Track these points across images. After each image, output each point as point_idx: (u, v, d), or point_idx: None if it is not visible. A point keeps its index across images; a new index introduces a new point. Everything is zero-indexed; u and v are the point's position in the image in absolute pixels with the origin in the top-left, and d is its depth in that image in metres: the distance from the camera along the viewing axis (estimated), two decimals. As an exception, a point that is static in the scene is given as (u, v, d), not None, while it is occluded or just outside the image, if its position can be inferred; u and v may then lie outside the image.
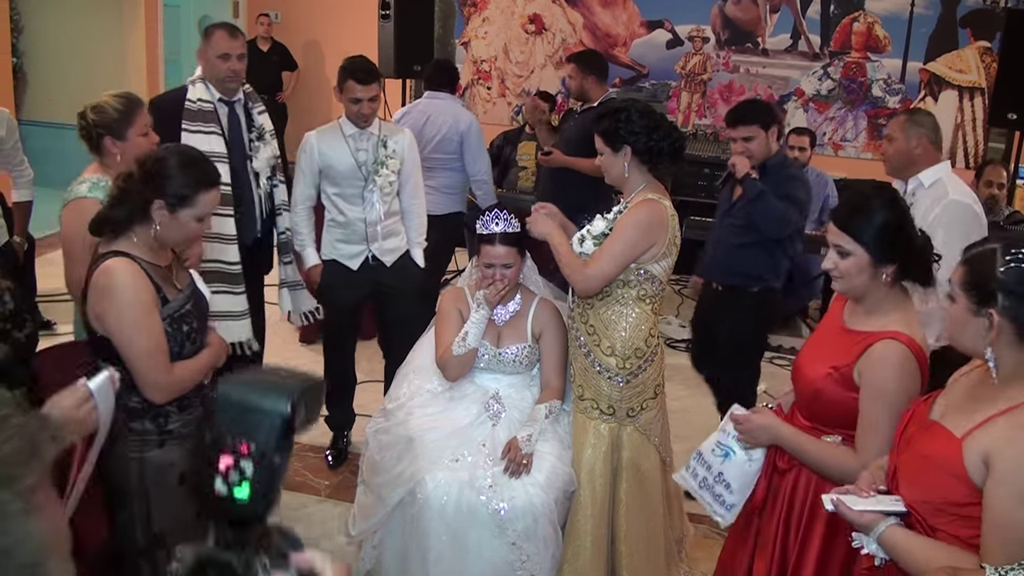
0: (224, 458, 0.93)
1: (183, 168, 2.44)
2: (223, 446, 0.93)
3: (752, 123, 3.81)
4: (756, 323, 3.98)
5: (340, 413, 4.31)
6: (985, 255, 1.77)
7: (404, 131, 4.09)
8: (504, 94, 9.12)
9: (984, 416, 1.75)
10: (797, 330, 6.31)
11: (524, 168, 6.71)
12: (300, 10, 9.60)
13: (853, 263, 2.20)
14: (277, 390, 0.95)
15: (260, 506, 0.94)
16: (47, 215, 7.42)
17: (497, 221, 3.11)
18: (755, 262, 3.86)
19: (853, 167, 7.93)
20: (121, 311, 2.34)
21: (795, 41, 8.31)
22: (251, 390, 0.95)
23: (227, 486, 0.93)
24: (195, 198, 2.43)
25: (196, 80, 3.74)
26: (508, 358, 3.18)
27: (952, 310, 1.82)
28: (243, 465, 0.93)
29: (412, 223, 4.13)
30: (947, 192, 3.34)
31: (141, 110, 3.10)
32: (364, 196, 3.90)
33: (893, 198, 2.22)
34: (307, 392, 0.97)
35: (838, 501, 1.89)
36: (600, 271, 2.93)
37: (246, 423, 0.93)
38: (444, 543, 2.86)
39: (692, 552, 3.54)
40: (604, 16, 8.75)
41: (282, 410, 0.93)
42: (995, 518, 1.67)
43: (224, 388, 0.96)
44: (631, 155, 2.94)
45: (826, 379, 2.24)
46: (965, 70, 7.98)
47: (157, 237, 2.43)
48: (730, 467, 2.48)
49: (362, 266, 4.00)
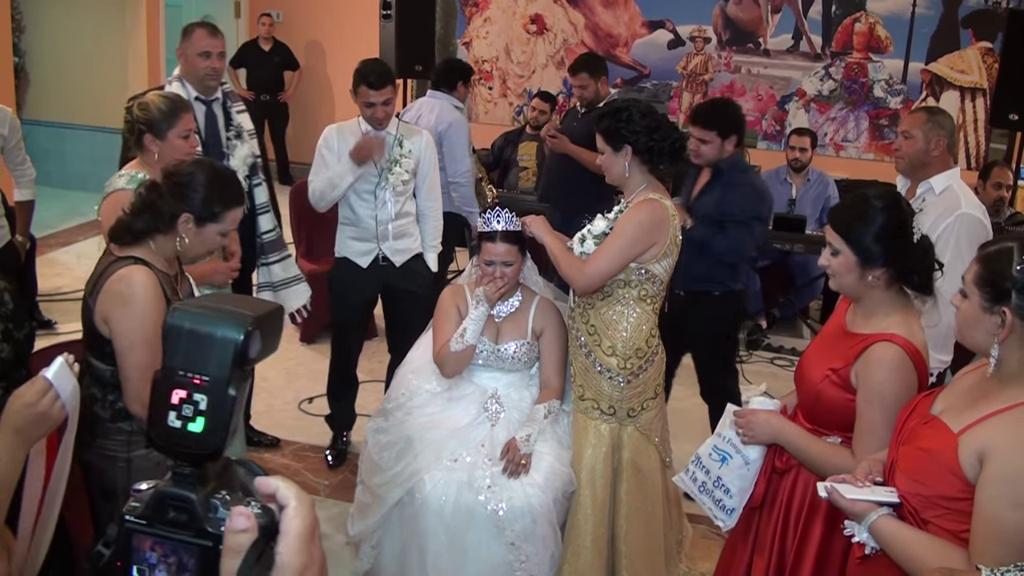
0: (176, 391, 0.89)
1: (213, 185, 2.48)
2: (175, 378, 0.89)
3: (710, 129, 3.80)
4: (723, 324, 3.99)
5: (342, 411, 4.31)
6: (1002, 252, 1.77)
7: (422, 132, 4.09)
8: (505, 94, 9.12)
9: (982, 413, 1.76)
10: (798, 331, 6.31)
11: (525, 168, 6.71)
12: (302, 10, 9.61)
13: (842, 262, 2.24)
14: (230, 317, 0.90)
15: (216, 439, 0.89)
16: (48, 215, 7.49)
17: (499, 219, 3.12)
18: (716, 268, 3.88)
19: (854, 168, 7.93)
20: (135, 323, 2.35)
21: (796, 41, 8.31)
22: (203, 319, 0.90)
23: (181, 420, 0.89)
24: (224, 215, 2.49)
25: (173, 79, 3.75)
26: (507, 354, 3.18)
27: (964, 307, 1.82)
28: (196, 398, 0.89)
29: (427, 226, 4.13)
30: (959, 203, 3.26)
31: (185, 114, 3.11)
32: (376, 194, 3.91)
33: (890, 204, 2.22)
34: (262, 320, 0.92)
35: (831, 488, 1.90)
36: (599, 268, 2.93)
37: (198, 353, 0.89)
38: (442, 543, 2.87)
39: (692, 552, 3.54)
40: (605, 16, 8.75)
41: (235, 338, 0.89)
42: (986, 518, 1.67)
43: (174, 317, 0.91)
44: (631, 155, 2.94)
45: (825, 381, 2.25)
46: (967, 71, 7.97)
47: (181, 249, 2.47)
48: (728, 471, 2.47)
49: (371, 265, 4.01)
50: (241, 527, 0.83)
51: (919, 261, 2.20)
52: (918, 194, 3.39)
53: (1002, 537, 1.65)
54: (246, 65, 9.35)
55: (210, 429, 0.89)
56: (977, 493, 1.69)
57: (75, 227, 7.70)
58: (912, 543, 1.78)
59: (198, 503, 0.88)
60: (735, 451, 2.46)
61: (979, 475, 1.70)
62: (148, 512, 0.88)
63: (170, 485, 0.89)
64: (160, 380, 0.91)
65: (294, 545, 0.85)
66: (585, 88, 5.16)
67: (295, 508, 0.86)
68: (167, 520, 0.88)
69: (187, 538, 0.87)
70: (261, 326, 0.91)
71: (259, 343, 0.91)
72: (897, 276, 2.21)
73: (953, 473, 1.75)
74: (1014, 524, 1.64)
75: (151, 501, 0.89)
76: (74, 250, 7.15)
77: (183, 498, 0.88)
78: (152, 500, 0.89)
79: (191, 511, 0.87)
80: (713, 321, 3.93)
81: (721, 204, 3.80)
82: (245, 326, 0.89)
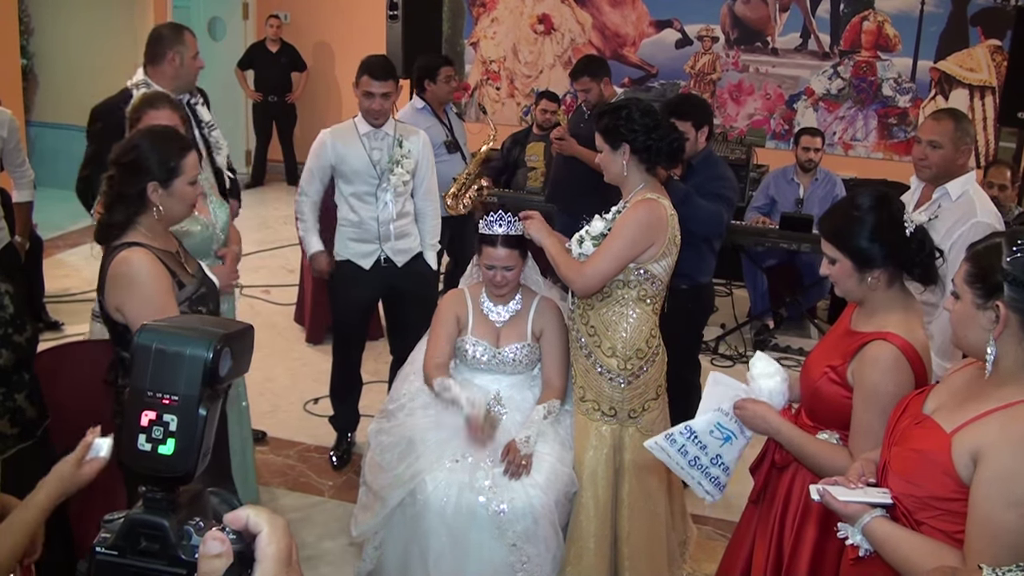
0: (146, 413, 0.87)
1: (157, 144, 2.49)
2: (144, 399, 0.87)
3: (685, 120, 3.75)
4: (689, 319, 3.96)
5: (345, 413, 4.32)
6: (990, 248, 1.77)
7: (419, 133, 4.10)
8: (513, 94, 9.11)
9: (975, 413, 1.74)
10: (805, 331, 6.28)
11: (533, 169, 6.69)
12: (309, 11, 9.63)
13: (840, 269, 2.24)
14: (199, 335, 0.89)
15: (187, 462, 0.87)
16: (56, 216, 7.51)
17: (500, 223, 3.10)
18: (683, 262, 3.85)
19: (863, 167, 7.89)
20: (144, 299, 2.39)
21: (805, 40, 8.27)
22: (171, 338, 0.88)
23: (151, 443, 0.87)
24: (182, 164, 2.49)
25: (139, 84, 3.67)
26: (507, 358, 3.17)
27: (957, 308, 1.80)
28: (166, 419, 0.87)
29: (425, 225, 4.14)
30: (974, 211, 3.22)
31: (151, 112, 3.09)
32: (377, 195, 3.92)
33: (875, 203, 2.21)
34: (232, 337, 0.90)
35: (824, 491, 1.88)
36: (598, 270, 2.91)
37: (167, 373, 0.87)
38: (444, 544, 2.87)
39: (696, 554, 3.53)
40: (613, 16, 8.74)
41: (204, 356, 0.87)
42: (980, 518, 1.66)
43: (142, 337, 0.89)
44: (629, 153, 2.93)
45: (823, 378, 2.25)
46: (976, 69, 7.92)
47: (162, 217, 2.49)
48: (729, 450, 2.46)
49: (374, 266, 4.01)
50: (215, 552, 0.81)
51: (916, 253, 2.19)
52: (933, 199, 3.35)
53: (997, 537, 1.64)
54: (254, 66, 9.38)
55: (181, 451, 0.87)
56: (971, 493, 1.68)
57: (83, 228, 7.71)
58: (905, 544, 1.77)
59: (171, 530, 0.86)
60: (740, 432, 2.43)
61: (973, 475, 1.69)
62: (120, 542, 0.86)
63: (141, 512, 0.87)
64: (129, 402, 0.89)
65: (272, 570, 0.83)
66: (588, 91, 5.14)
67: (268, 534, 0.84)
68: (139, 550, 0.86)
69: (160, 567, 0.85)
70: (231, 344, 0.90)
71: (229, 361, 0.90)
72: (897, 272, 2.20)
73: (946, 474, 1.74)
74: (1008, 524, 1.63)
75: (122, 530, 0.86)
76: (82, 251, 7.16)
77: (155, 525, 0.86)
78: (123, 529, 0.86)
79: (164, 539, 0.86)
80: (678, 313, 3.90)
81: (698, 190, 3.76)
82: (214, 344, 0.88)
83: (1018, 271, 1.70)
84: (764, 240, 5.79)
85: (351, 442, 4.33)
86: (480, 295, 3.23)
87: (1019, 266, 1.70)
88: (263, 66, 9.36)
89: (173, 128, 2.70)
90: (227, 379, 0.91)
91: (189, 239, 2.99)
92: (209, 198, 3.30)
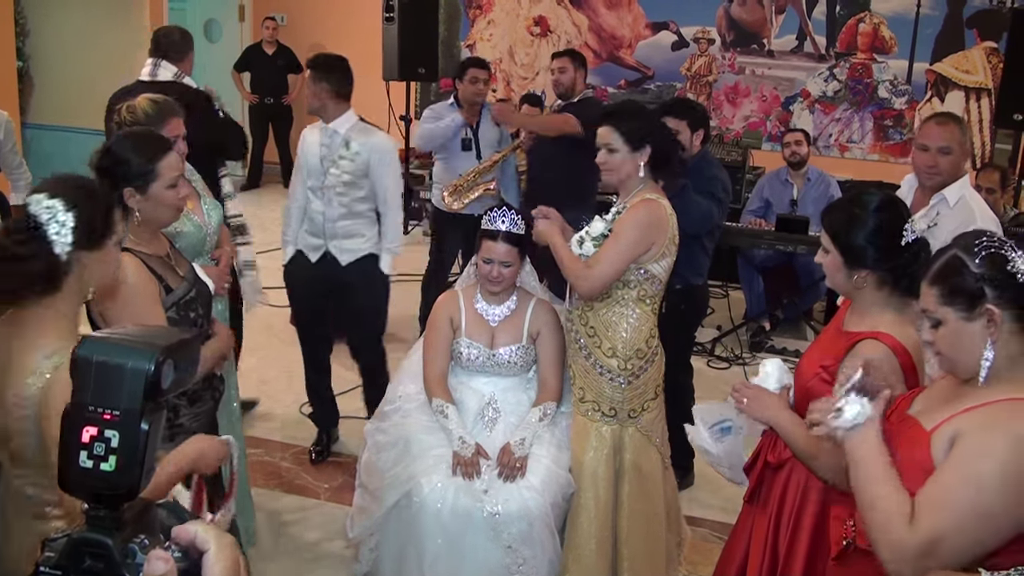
0: (87, 429, 0.85)
1: (132, 147, 2.44)
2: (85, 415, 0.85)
3: (682, 118, 3.81)
4: (681, 319, 3.97)
5: (320, 407, 4.36)
6: (948, 265, 1.74)
7: (378, 137, 4.03)
8: (509, 96, 9.11)
9: (956, 410, 1.73)
10: (802, 332, 6.28)
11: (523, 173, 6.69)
12: (305, 13, 9.63)
13: (831, 261, 2.25)
14: (140, 348, 0.86)
15: (130, 478, 0.85)
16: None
17: (504, 219, 3.10)
18: (677, 261, 3.85)
19: (859, 168, 7.90)
20: (125, 303, 2.35)
21: (801, 42, 8.29)
22: (112, 350, 0.86)
23: (93, 460, 0.85)
24: (156, 169, 2.42)
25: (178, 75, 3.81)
26: (502, 359, 3.17)
27: (943, 333, 1.75)
28: (108, 434, 0.85)
29: (383, 230, 4.08)
30: (974, 218, 3.16)
31: (174, 118, 3.07)
32: (323, 191, 3.98)
33: (882, 206, 2.21)
34: (174, 349, 0.88)
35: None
36: (603, 273, 2.92)
37: (108, 387, 0.85)
38: (440, 546, 2.86)
39: (690, 555, 3.52)
40: (609, 18, 8.75)
41: (145, 368, 0.85)
42: (940, 482, 1.65)
43: (84, 349, 0.87)
44: (649, 156, 2.95)
45: (815, 378, 2.25)
46: (972, 71, 7.94)
47: (143, 222, 2.44)
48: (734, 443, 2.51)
49: (320, 260, 4.07)
50: (159, 572, 0.80)
51: (908, 263, 2.17)
52: (931, 205, 3.31)
53: (946, 506, 1.61)
54: (250, 69, 9.38)
55: (123, 466, 0.85)
56: (939, 465, 1.67)
57: (80, 230, 7.72)
58: (879, 475, 1.74)
59: (115, 548, 0.84)
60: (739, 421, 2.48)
61: None
62: (63, 561, 0.85)
63: (85, 531, 0.85)
64: (69, 417, 0.86)
65: None
66: (563, 72, 5.11)
67: (215, 553, 0.84)
68: (83, 569, 0.84)
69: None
70: (173, 355, 0.88)
71: (172, 373, 0.88)
72: (887, 276, 2.19)
73: (926, 472, 1.71)
74: (960, 500, 1.61)
75: (66, 549, 0.85)
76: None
77: (99, 544, 0.84)
78: (67, 548, 0.85)
79: (108, 558, 0.84)
80: (670, 314, 3.91)
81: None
82: (156, 356, 0.86)
83: (993, 270, 1.68)
84: (760, 242, 5.80)
85: (329, 439, 4.35)
86: (474, 295, 3.22)
87: (992, 264, 1.69)
88: (259, 68, 9.36)
89: (149, 130, 2.64)
90: (170, 391, 0.89)
91: (181, 239, 2.98)
92: (203, 199, 3.28)
